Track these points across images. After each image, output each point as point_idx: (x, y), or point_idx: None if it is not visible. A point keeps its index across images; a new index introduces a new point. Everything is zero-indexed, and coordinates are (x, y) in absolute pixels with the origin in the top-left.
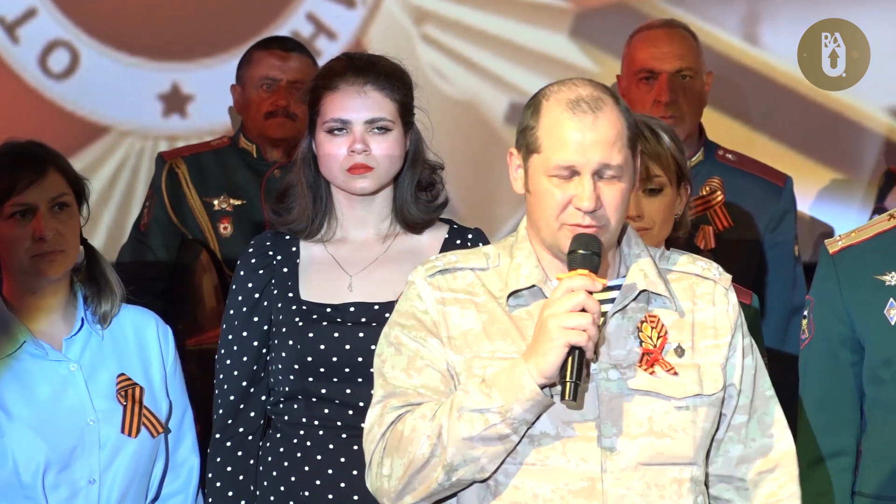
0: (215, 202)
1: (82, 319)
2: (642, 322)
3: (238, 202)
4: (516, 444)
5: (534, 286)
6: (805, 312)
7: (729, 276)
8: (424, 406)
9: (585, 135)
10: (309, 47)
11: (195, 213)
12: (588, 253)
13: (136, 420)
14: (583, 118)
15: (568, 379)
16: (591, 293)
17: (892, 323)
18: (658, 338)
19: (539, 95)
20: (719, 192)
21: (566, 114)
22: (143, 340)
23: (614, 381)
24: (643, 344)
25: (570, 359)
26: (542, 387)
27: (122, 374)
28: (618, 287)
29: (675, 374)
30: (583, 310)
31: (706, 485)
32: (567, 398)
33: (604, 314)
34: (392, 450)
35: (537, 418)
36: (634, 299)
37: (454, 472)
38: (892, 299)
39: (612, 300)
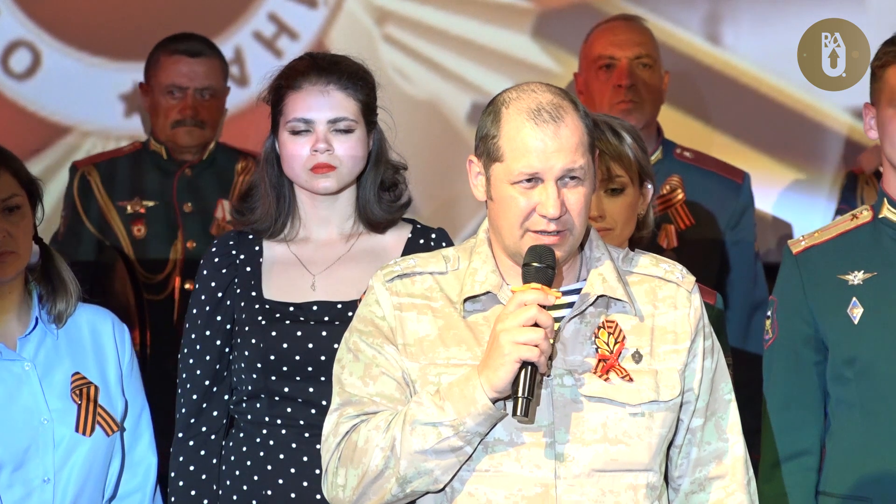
0: (128, 206)
1: (37, 319)
2: (599, 328)
3: (150, 203)
4: (470, 455)
5: (489, 292)
6: (769, 312)
7: (693, 279)
8: (379, 416)
9: (548, 143)
10: (270, 47)
11: (108, 219)
12: (542, 266)
13: (90, 419)
14: (545, 128)
15: (520, 394)
16: (544, 307)
17: (856, 322)
18: (615, 343)
19: (497, 102)
20: (679, 191)
21: (528, 123)
22: (98, 339)
23: (569, 387)
24: (599, 350)
25: (522, 374)
26: (495, 400)
27: (77, 373)
28: (578, 291)
29: (631, 380)
30: (535, 324)
31: (674, 490)
32: (518, 414)
33: (560, 319)
34: (346, 460)
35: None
36: (592, 304)
37: (408, 484)
38: (855, 299)
39: (571, 304)
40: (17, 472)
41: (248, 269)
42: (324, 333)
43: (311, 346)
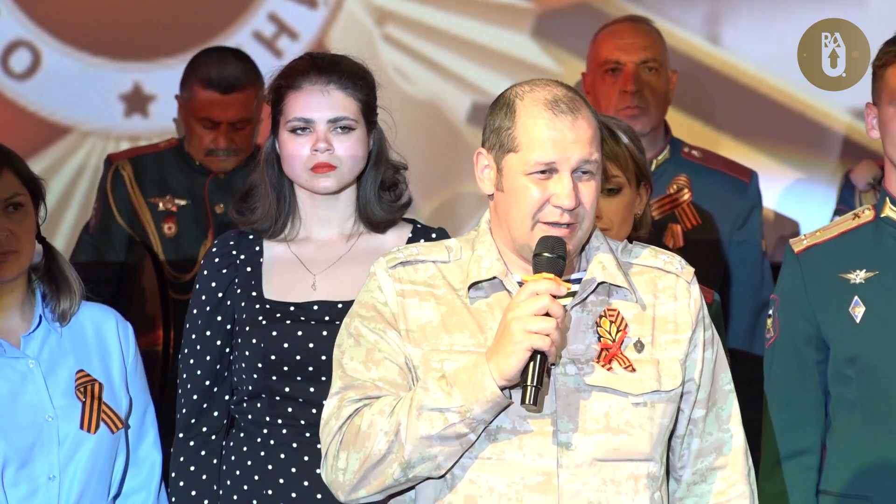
0: (160, 203)
1: (40, 317)
2: (601, 316)
3: (183, 202)
4: (473, 442)
5: (494, 278)
6: (770, 311)
7: (691, 269)
8: (382, 400)
9: (566, 134)
10: (270, 47)
11: (139, 214)
12: (553, 256)
13: (94, 416)
14: (563, 118)
15: (529, 383)
16: (555, 297)
17: (857, 321)
18: (617, 332)
19: (510, 96)
20: (686, 191)
21: (546, 113)
22: (102, 337)
23: (572, 376)
24: (602, 339)
25: (532, 363)
26: (503, 388)
27: (81, 371)
28: (578, 281)
29: (633, 370)
30: (547, 314)
31: (676, 480)
32: (527, 402)
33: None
34: (349, 444)
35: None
36: (594, 292)
37: (411, 469)
38: (856, 297)
39: (572, 294)
40: (22, 470)
41: (249, 268)
42: (324, 333)
43: (311, 345)
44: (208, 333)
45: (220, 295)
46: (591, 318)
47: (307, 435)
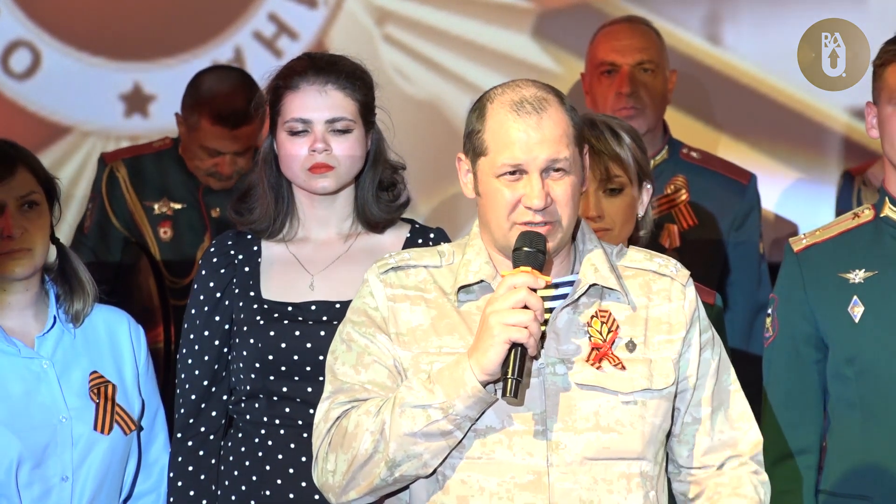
0: (155, 206)
1: (54, 317)
2: (592, 317)
3: (178, 206)
4: (460, 440)
5: (482, 281)
6: (769, 310)
7: (687, 272)
8: (369, 402)
9: (530, 134)
10: (270, 47)
11: (135, 218)
12: (532, 250)
13: (108, 417)
14: (527, 119)
15: (509, 376)
16: (534, 290)
17: (856, 321)
18: (608, 332)
19: (483, 99)
20: (684, 191)
21: (511, 115)
22: (115, 339)
23: (561, 375)
24: (592, 339)
25: (511, 356)
26: (485, 384)
27: (95, 372)
28: (571, 283)
29: (623, 368)
30: (525, 307)
31: (686, 481)
32: (508, 395)
33: (551, 310)
34: (336, 445)
35: (482, 413)
36: (585, 293)
37: (396, 468)
38: (855, 297)
39: (565, 296)
40: (35, 470)
41: (247, 269)
42: (322, 333)
43: (309, 345)
44: (206, 333)
45: (218, 295)
46: (582, 319)
47: (305, 435)
